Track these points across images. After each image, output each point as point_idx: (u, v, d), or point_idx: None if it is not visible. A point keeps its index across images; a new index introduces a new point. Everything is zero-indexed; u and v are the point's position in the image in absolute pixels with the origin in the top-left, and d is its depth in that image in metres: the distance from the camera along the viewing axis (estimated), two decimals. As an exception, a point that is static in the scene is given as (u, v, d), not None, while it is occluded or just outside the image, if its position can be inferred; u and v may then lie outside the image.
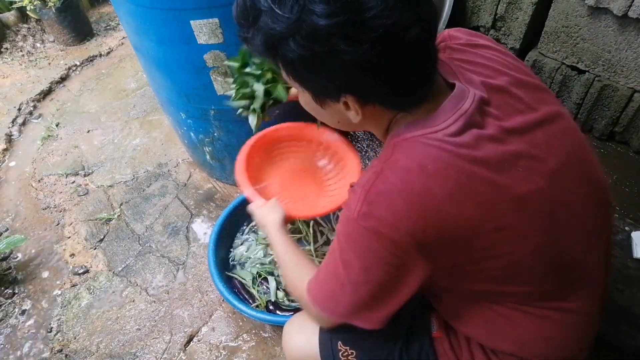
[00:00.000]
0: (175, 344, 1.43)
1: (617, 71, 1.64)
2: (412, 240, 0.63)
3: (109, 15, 3.40)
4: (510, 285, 0.71)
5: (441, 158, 0.63)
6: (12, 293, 1.62)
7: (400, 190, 0.63)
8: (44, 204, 1.95)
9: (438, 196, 0.62)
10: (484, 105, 0.67)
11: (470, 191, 0.63)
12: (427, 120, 0.67)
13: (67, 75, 2.80)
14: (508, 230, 0.65)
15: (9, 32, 3.12)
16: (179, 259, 1.66)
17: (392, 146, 0.68)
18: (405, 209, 0.63)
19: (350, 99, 0.66)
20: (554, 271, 0.71)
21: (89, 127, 2.36)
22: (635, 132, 1.74)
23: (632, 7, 1.44)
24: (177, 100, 1.54)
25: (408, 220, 0.63)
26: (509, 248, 0.66)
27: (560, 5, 1.65)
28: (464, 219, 0.63)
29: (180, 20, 1.23)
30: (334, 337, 0.90)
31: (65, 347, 1.46)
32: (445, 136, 0.64)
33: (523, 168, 0.66)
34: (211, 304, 1.52)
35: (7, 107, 2.53)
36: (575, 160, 0.72)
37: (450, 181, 0.63)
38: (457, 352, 0.83)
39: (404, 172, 0.64)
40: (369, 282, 0.69)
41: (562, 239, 0.69)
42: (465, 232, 0.64)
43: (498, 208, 0.64)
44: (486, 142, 0.65)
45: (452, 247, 0.65)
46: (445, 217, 0.63)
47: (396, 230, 0.63)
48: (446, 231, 0.64)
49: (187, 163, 2.06)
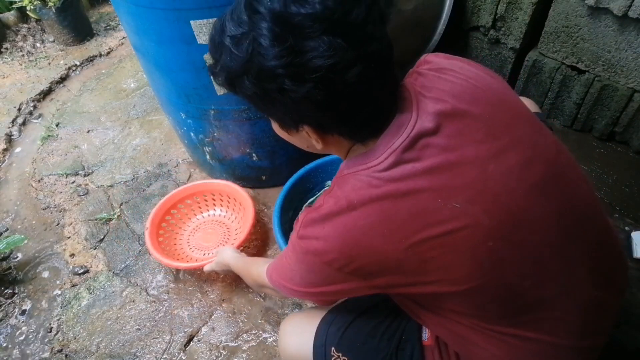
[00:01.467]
0: (175, 344, 1.43)
1: (617, 71, 1.64)
2: (341, 264, 0.68)
3: (109, 15, 3.40)
4: (457, 306, 0.71)
5: (366, 194, 0.66)
6: (12, 293, 1.62)
7: (329, 221, 0.68)
8: (44, 204, 1.95)
9: (362, 228, 0.66)
10: (426, 137, 0.66)
11: (395, 227, 0.65)
12: (365, 156, 0.69)
13: (67, 75, 2.80)
14: (434, 263, 0.65)
15: (9, 32, 3.12)
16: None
17: (335, 182, 0.73)
18: (333, 238, 0.68)
19: (307, 129, 0.70)
20: (497, 303, 0.69)
21: (89, 127, 2.36)
22: (635, 132, 1.74)
23: (632, 7, 1.44)
24: (177, 100, 1.54)
25: (336, 248, 0.68)
26: (438, 276, 0.67)
27: (560, 5, 1.65)
28: (388, 250, 0.65)
29: (180, 20, 1.23)
30: (327, 342, 0.92)
31: (65, 347, 1.46)
32: (375, 172, 0.67)
33: (462, 203, 0.64)
34: (211, 304, 1.52)
35: (7, 107, 2.53)
36: (541, 191, 0.68)
37: (374, 215, 0.65)
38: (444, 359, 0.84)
39: (334, 206, 0.68)
40: (311, 284, 0.77)
41: (502, 276, 0.67)
42: (392, 262, 0.66)
43: (423, 242, 0.64)
44: (419, 177, 0.64)
45: (384, 271, 0.68)
46: (370, 248, 0.66)
47: (326, 255, 0.69)
48: (373, 260, 0.67)
49: (187, 163, 2.06)
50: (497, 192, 0.65)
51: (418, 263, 0.65)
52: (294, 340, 0.97)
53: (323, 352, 0.92)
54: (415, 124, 0.66)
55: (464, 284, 0.66)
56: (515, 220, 0.66)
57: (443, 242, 0.64)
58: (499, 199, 0.65)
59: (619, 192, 1.69)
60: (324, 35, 0.58)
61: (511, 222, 0.66)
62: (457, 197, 0.64)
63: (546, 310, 0.71)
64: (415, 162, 0.65)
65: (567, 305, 0.71)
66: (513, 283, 0.68)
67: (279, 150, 1.68)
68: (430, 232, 0.64)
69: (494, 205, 0.65)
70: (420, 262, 0.65)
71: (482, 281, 0.66)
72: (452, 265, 0.65)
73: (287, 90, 0.61)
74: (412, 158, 0.65)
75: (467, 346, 0.78)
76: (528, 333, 0.71)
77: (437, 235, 0.64)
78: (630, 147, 1.80)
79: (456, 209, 0.64)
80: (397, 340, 0.88)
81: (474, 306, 0.71)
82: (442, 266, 0.66)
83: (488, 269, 0.66)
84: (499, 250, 0.65)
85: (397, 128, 0.67)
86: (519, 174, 0.67)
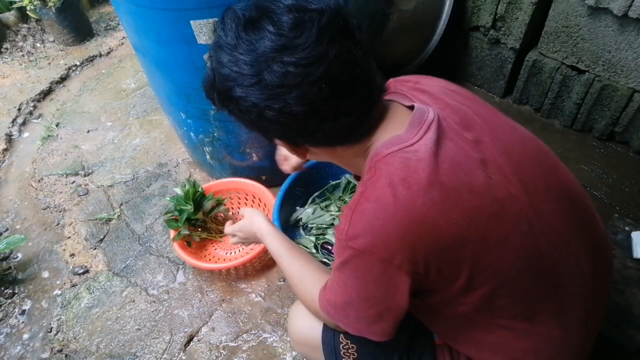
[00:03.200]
0: (175, 344, 1.43)
1: (617, 71, 1.64)
2: (400, 257, 0.64)
3: (109, 15, 3.40)
4: (498, 299, 0.70)
5: (420, 167, 0.64)
6: (12, 293, 1.62)
7: (382, 209, 0.64)
8: (44, 204, 1.95)
9: (422, 208, 0.63)
10: (445, 118, 0.71)
11: (454, 199, 0.63)
12: (400, 136, 0.69)
13: (67, 75, 2.80)
14: (493, 235, 0.65)
15: (9, 32, 3.13)
16: (179, 259, 1.65)
17: (373, 166, 0.69)
18: (394, 226, 0.63)
19: (279, 142, 0.75)
20: (538, 279, 0.70)
21: (89, 127, 2.36)
22: (635, 132, 1.74)
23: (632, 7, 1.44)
24: (177, 100, 1.54)
25: (398, 236, 0.63)
26: (496, 253, 0.66)
27: (560, 5, 1.65)
28: (451, 227, 0.63)
29: (180, 20, 1.23)
30: (336, 329, 0.90)
31: (65, 347, 1.46)
32: (420, 147, 0.66)
33: (494, 175, 0.67)
34: (211, 304, 1.52)
35: (7, 107, 2.53)
36: (540, 165, 0.74)
37: (435, 190, 0.63)
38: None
39: (386, 188, 0.65)
40: (368, 298, 0.70)
41: (540, 245, 0.69)
42: (454, 242, 0.64)
43: (481, 213, 0.64)
44: (457, 151, 0.67)
45: (442, 260, 0.65)
46: (432, 229, 0.63)
47: (384, 250, 0.64)
48: (435, 243, 0.63)
49: (187, 163, 2.06)
50: (511, 166, 0.69)
51: (480, 238, 0.64)
52: (303, 323, 0.95)
53: (332, 337, 0.91)
54: (433, 109, 0.71)
55: (516, 260, 0.67)
56: (533, 192, 0.70)
57: (493, 212, 0.65)
58: (515, 173, 0.69)
59: (619, 192, 1.69)
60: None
61: (537, 194, 0.70)
62: (490, 170, 0.67)
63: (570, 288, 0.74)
64: (448, 138, 0.68)
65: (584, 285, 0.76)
66: (547, 253, 0.70)
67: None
68: (482, 201, 0.65)
69: (515, 176, 0.69)
70: (481, 238, 0.64)
71: (526, 255, 0.67)
72: (505, 235, 0.66)
73: (243, 110, 0.67)
74: (444, 134, 0.68)
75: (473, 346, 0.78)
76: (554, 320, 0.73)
77: (487, 204, 0.65)
78: (630, 147, 1.80)
79: (493, 180, 0.66)
80: (408, 338, 0.88)
81: (519, 290, 0.70)
82: (500, 238, 0.65)
83: (529, 237, 0.68)
84: (531, 219, 0.68)
85: (422, 108, 0.71)
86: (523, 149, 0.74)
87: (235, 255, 1.63)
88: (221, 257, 1.63)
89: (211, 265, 1.55)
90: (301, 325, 0.96)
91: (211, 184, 1.72)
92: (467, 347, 0.80)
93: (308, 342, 0.95)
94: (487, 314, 0.72)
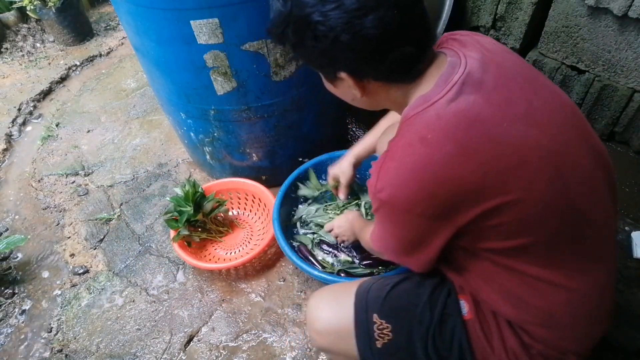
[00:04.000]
0: (175, 344, 1.43)
1: (617, 71, 1.64)
2: (424, 207, 0.72)
3: (109, 15, 3.40)
4: (524, 237, 0.73)
5: (438, 125, 0.71)
6: (12, 293, 1.62)
7: (405, 164, 0.72)
8: (44, 204, 1.95)
9: (440, 161, 0.70)
10: (477, 74, 0.74)
11: (471, 151, 0.69)
12: (425, 96, 0.75)
13: (67, 75, 2.80)
14: (515, 182, 0.70)
15: (9, 32, 3.13)
16: (179, 259, 1.65)
17: (403, 125, 0.77)
18: (412, 181, 0.72)
19: (344, 76, 0.77)
20: (565, 224, 0.74)
21: (89, 127, 2.36)
22: (635, 132, 1.74)
23: (632, 7, 1.43)
24: (177, 100, 1.54)
25: (416, 190, 0.72)
26: (517, 195, 0.70)
27: (560, 5, 1.65)
28: (468, 177, 0.69)
29: (180, 20, 1.23)
30: (369, 309, 0.91)
31: (65, 347, 1.46)
32: (441, 105, 0.71)
33: (521, 127, 0.71)
34: (211, 304, 1.52)
35: (7, 107, 2.53)
36: (573, 125, 0.78)
37: (449, 144, 0.69)
38: (487, 333, 0.85)
39: (407, 147, 0.73)
40: (401, 239, 0.82)
41: (568, 190, 0.73)
42: (473, 190, 0.70)
43: (501, 162, 0.69)
44: (482, 104, 0.71)
45: (464, 205, 0.71)
46: (450, 180, 0.70)
47: (408, 202, 0.73)
48: (454, 192, 0.70)
49: (187, 163, 2.06)
50: (542, 119, 0.74)
51: (499, 184, 0.70)
52: (328, 313, 0.96)
53: (365, 319, 0.91)
54: (466, 65, 0.74)
55: (539, 201, 0.71)
56: (564, 144, 0.74)
57: (513, 160, 0.70)
58: (547, 125, 0.73)
59: (619, 192, 1.69)
60: None
61: (562, 145, 0.74)
62: (516, 123, 0.71)
63: (599, 237, 0.78)
64: (475, 93, 0.72)
65: (611, 235, 0.82)
66: (576, 199, 0.74)
67: (279, 150, 1.68)
68: (502, 149, 0.70)
69: (545, 130, 0.73)
70: (501, 183, 0.70)
71: (550, 199, 0.71)
72: (528, 182, 0.70)
73: (320, 36, 0.70)
74: (471, 90, 0.72)
75: (509, 299, 0.80)
76: (569, 281, 0.76)
77: (508, 153, 0.70)
78: (630, 147, 1.80)
79: (519, 132, 0.71)
80: (439, 313, 0.88)
81: (547, 231, 0.74)
82: (520, 183, 0.70)
83: (556, 182, 0.72)
84: (560, 167, 0.72)
85: (451, 68, 0.75)
86: (556, 106, 0.77)
87: (235, 255, 1.63)
88: (221, 257, 1.63)
89: (211, 265, 1.55)
90: (325, 314, 0.96)
91: (211, 184, 1.72)
92: (497, 299, 0.82)
93: (335, 329, 0.94)
94: (516, 262, 0.77)
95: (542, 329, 0.79)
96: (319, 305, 0.98)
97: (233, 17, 1.22)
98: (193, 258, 1.52)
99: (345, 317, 0.93)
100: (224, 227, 1.70)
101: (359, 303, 0.93)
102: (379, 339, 0.90)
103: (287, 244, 1.37)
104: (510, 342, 0.82)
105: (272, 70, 1.39)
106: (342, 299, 0.96)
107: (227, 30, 1.25)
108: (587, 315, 0.79)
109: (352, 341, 0.92)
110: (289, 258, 1.36)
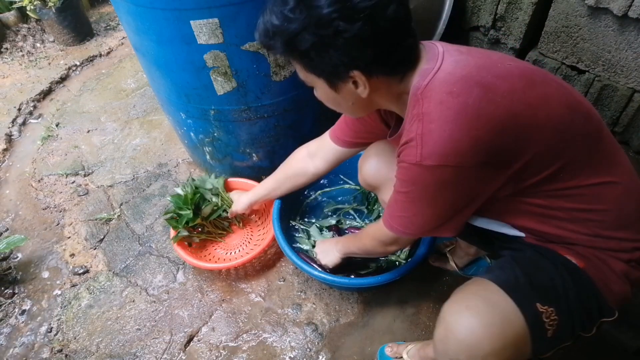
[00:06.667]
0: (175, 344, 1.43)
1: (617, 71, 1.64)
2: (471, 154, 0.76)
3: (109, 15, 3.40)
4: (560, 160, 0.81)
5: (455, 78, 0.79)
6: (12, 293, 1.62)
7: (446, 117, 0.76)
8: (44, 204, 1.95)
9: (476, 103, 0.76)
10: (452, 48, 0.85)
11: (492, 88, 0.78)
12: (426, 68, 0.83)
13: (67, 75, 2.80)
14: (534, 98, 0.80)
15: (9, 32, 3.13)
16: (179, 259, 1.65)
17: (419, 97, 0.81)
18: (460, 131, 0.76)
19: (357, 74, 0.82)
20: (588, 141, 0.84)
21: (89, 127, 2.36)
22: (635, 132, 1.74)
23: (632, 7, 1.43)
24: (177, 100, 1.54)
25: (465, 138, 0.76)
26: (544, 111, 0.79)
27: (560, 5, 1.65)
28: (499, 109, 0.76)
29: (180, 20, 1.23)
30: (531, 299, 0.82)
31: (65, 347, 1.46)
32: (446, 66, 0.81)
33: (522, 82, 0.82)
34: (211, 304, 1.52)
35: (7, 107, 2.53)
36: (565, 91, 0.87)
37: (475, 88, 0.77)
38: (599, 272, 0.87)
39: (439, 105, 0.78)
40: (442, 205, 0.85)
41: (577, 98, 0.87)
42: (507, 118, 0.77)
43: (516, 89, 0.79)
44: (474, 58, 0.83)
45: (506, 139, 0.78)
46: (487, 117, 0.76)
47: (461, 154, 0.76)
48: (494, 127, 0.76)
49: (187, 163, 2.06)
50: (537, 80, 0.84)
51: (526, 107, 0.78)
52: (472, 323, 0.81)
53: (533, 312, 0.81)
54: (441, 44, 0.86)
55: (568, 126, 0.81)
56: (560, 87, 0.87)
57: (525, 84, 0.80)
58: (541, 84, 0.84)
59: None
60: None
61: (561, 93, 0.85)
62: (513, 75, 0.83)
63: (617, 154, 0.89)
64: (460, 55, 0.83)
65: (608, 130, 0.91)
66: (583, 107, 0.86)
67: (279, 150, 1.68)
68: (512, 80, 0.80)
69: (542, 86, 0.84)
70: (527, 106, 0.79)
71: (570, 121, 0.82)
72: (546, 96, 0.81)
73: (341, 32, 0.75)
74: (456, 54, 0.84)
75: (579, 221, 0.88)
76: (613, 176, 0.86)
77: (517, 80, 0.81)
78: (630, 147, 1.80)
79: (518, 68, 0.83)
80: (569, 275, 0.85)
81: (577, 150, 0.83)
82: (541, 97, 0.80)
83: (570, 110, 0.83)
84: (570, 97, 0.85)
85: (430, 49, 0.86)
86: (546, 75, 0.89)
87: (235, 255, 1.63)
88: (221, 257, 1.63)
89: (211, 265, 1.55)
90: (475, 323, 0.81)
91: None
92: (573, 228, 0.87)
93: (497, 337, 0.80)
94: (561, 184, 0.84)
95: (620, 231, 0.86)
96: (462, 315, 0.83)
97: (233, 17, 1.22)
98: (193, 258, 1.52)
99: (505, 323, 0.81)
100: (224, 230, 1.70)
101: (517, 300, 0.81)
102: (549, 328, 0.81)
103: (288, 244, 1.37)
104: (618, 266, 0.87)
105: (272, 70, 1.39)
106: (483, 304, 0.83)
107: (227, 30, 1.25)
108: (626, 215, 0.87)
109: (523, 342, 0.81)
110: (289, 258, 1.36)
